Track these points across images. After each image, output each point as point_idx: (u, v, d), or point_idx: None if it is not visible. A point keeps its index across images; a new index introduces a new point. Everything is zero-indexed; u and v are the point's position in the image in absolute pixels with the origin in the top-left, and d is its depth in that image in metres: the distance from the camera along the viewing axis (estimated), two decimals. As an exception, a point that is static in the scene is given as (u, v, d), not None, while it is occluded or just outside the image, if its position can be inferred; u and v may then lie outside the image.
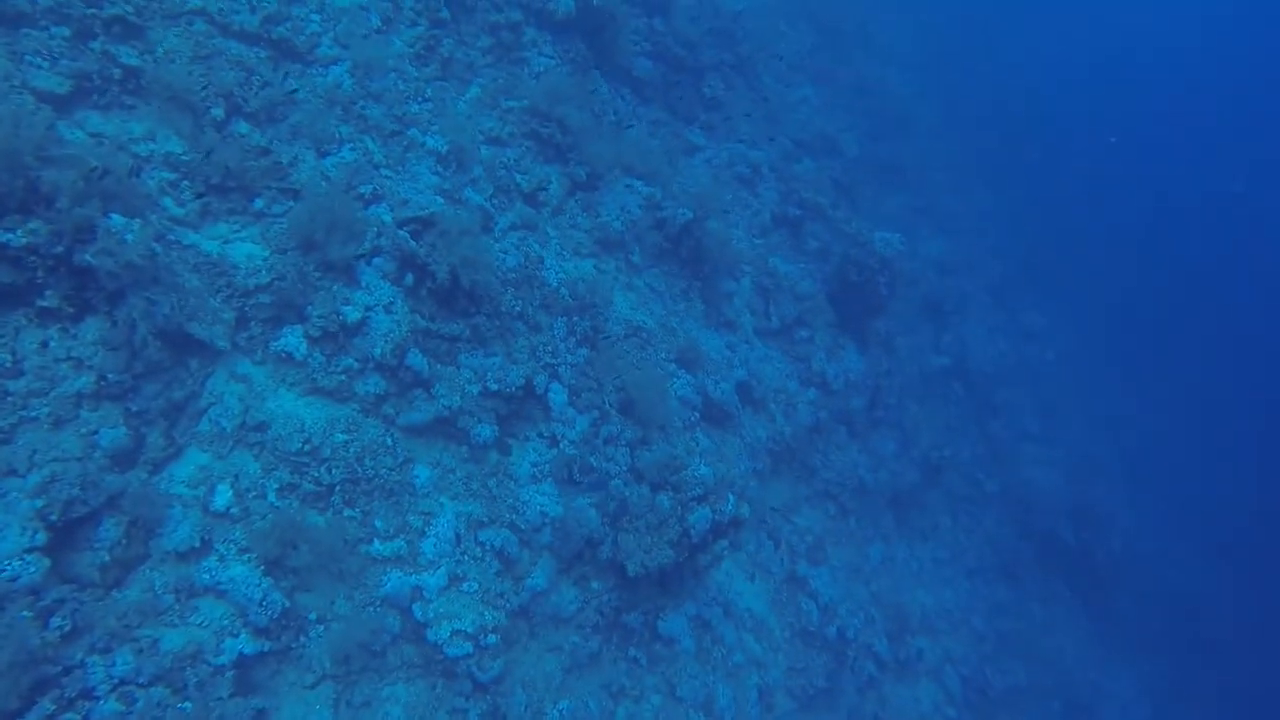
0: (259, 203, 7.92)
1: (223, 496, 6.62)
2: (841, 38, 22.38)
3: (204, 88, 7.87)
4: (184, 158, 7.70)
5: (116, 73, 7.70)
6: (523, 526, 8.43)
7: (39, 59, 7.38)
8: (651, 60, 15.01)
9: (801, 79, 19.31)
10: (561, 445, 9.23)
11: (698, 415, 11.29)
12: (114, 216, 6.18)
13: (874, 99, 22.06)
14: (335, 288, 7.87)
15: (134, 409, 6.53)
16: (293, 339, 7.46)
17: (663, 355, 11.12)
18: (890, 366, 15.93)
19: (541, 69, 12.08)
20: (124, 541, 6.07)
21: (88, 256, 5.93)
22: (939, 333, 19.07)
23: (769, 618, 11.55)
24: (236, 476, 6.87)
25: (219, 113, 7.95)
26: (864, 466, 14.70)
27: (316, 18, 9.12)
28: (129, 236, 6.19)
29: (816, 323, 14.44)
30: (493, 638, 7.41)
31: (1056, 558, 18.44)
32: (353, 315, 7.76)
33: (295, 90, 8.43)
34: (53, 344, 6.26)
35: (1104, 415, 23.45)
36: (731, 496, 9.51)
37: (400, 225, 8.39)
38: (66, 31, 7.60)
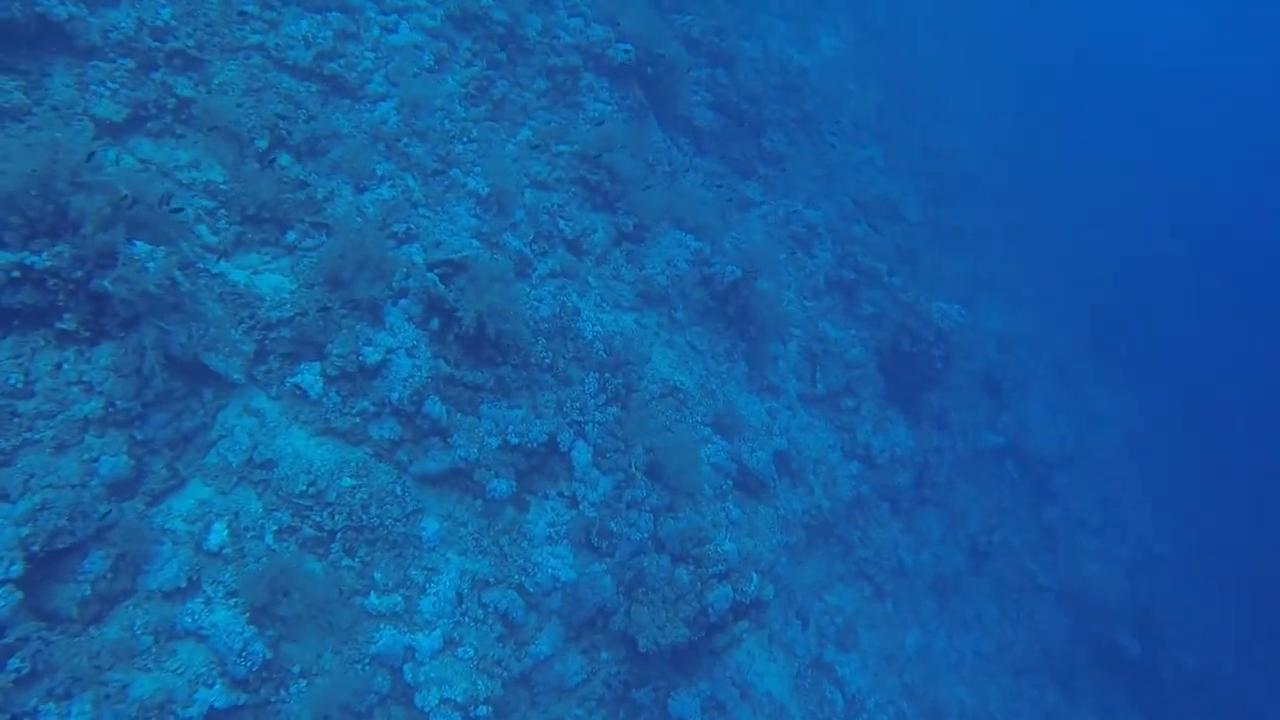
0: (291, 235, 7.83)
1: (217, 535, 6.36)
2: (911, 98, 21.96)
3: (250, 119, 7.86)
4: (223, 187, 7.67)
5: (171, 102, 7.76)
6: (531, 590, 7.99)
7: (102, 88, 7.49)
8: (712, 111, 14.82)
9: (867, 138, 18.91)
10: (582, 507, 8.80)
11: (731, 483, 10.75)
12: (138, 244, 6.09)
13: (940, 161, 21.49)
14: (359, 327, 7.68)
15: (140, 437, 6.36)
16: (308, 377, 7.26)
17: (699, 418, 10.66)
18: (941, 443, 15.12)
19: (597, 115, 11.95)
20: (109, 575, 5.84)
21: (105, 283, 5.82)
22: (996, 410, 18.13)
23: (789, 704, 10.79)
24: (236, 515, 6.62)
25: (262, 144, 7.93)
26: (905, 547, 13.87)
27: (370, 55, 9.13)
28: (150, 265, 6.08)
29: (865, 392, 13.81)
30: (484, 709, 6.94)
31: (1116, 666, 17.03)
32: (373, 357, 7.53)
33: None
34: (66, 367, 6.16)
35: (1176, 511, 21.87)
36: (755, 576, 8.93)
37: (431, 267, 8.20)
38: (131, 64, 7.70)
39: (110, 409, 6.11)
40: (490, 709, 6.99)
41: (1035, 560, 17.33)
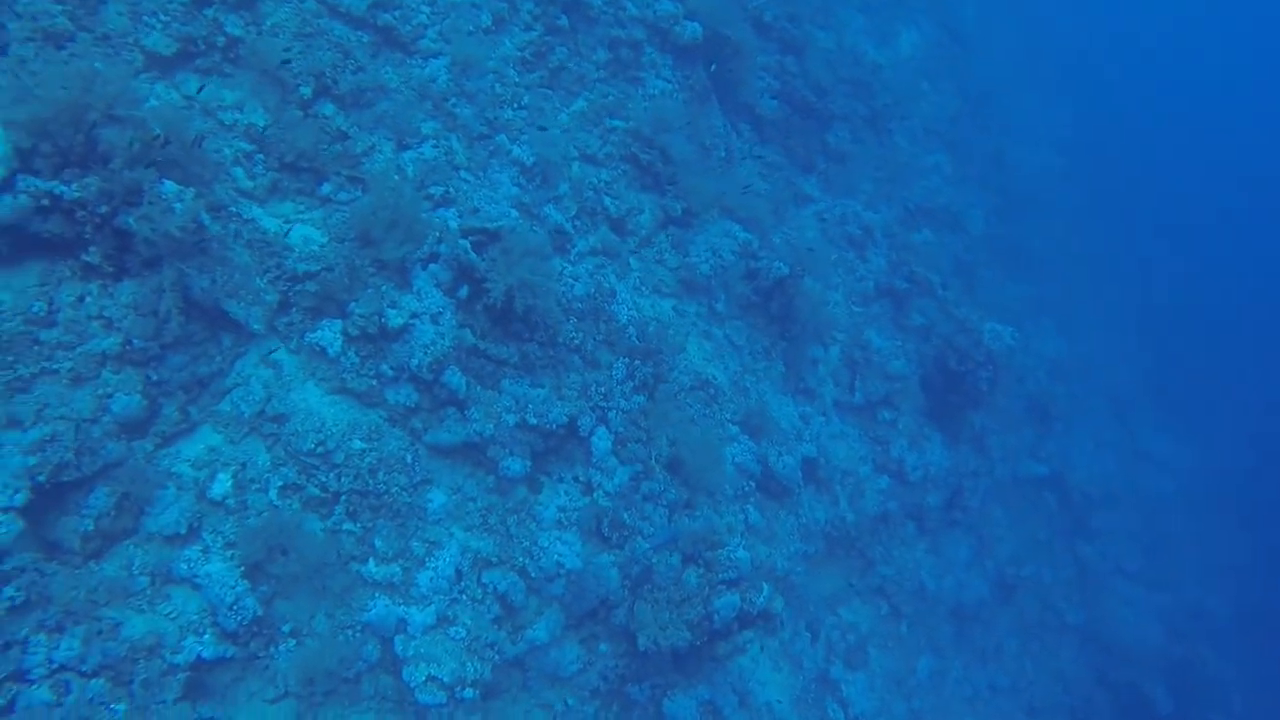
0: (327, 187, 7.69)
1: (222, 485, 6.28)
2: (987, 106, 21.08)
3: (298, 64, 7.71)
4: (264, 132, 7.54)
5: (220, 40, 7.64)
6: (534, 574, 7.79)
7: (155, 20, 7.39)
8: (777, 100, 14.32)
9: (936, 144, 18.20)
10: (596, 495, 8.57)
11: (754, 485, 10.43)
12: (167, 183, 5.97)
13: (1011, 176, 20.63)
14: (385, 288, 7.51)
15: (155, 378, 6.29)
16: (329, 334, 7.12)
17: (728, 415, 10.33)
18: (978, 467, 14.55)
19: (656, 92, 11.59)
20: (113, 513, 5.80)
21: (130, 220, 5.71)
22: (1041, 438, 17.43)
23: (790, 717, 10.49)
24: (243, 466, 6.53)
25: (307, 91, 7.77)
26: (928, 569, 13.40)
27: (426, 9, 8.91)
28: (178, 206, 5.95)
29: (903, 406, 13.31)
30: (470, 692, 6.78)
31: (1142, 718, 16.30)
32: (395, 320, 7.35)
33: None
34: (89, 300, 6.09)
35: (1228, 568, 20.79)
36: (766, 588, 8.62)
37: (465, 234, 7.98)
38: (185, -4, 7.59)
39: (128, 346, 6.04)
40: (477, 691, 6.83)
41: (1065, 598, 16.66)
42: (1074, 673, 16.12)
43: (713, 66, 11.90)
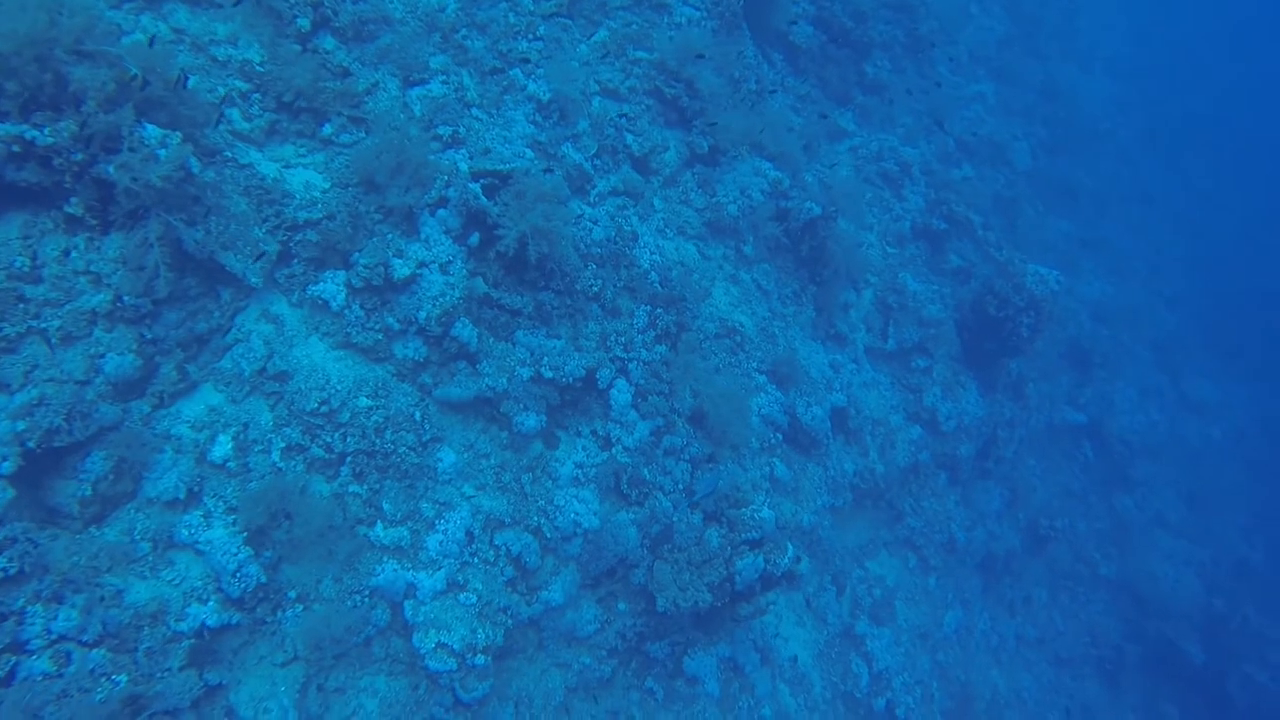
0: (328, 128, 7.20)
1: (222, 447, 6.02)
2: (1039, 29, 19.67)
3: (294, -7, 7.13)
4: (260, 69, 7.03)
5: (210, -36, 7.07)
6: (549, 534, 7.54)
7: (134, -59, 6.83)
8: (813, 26, 13.40)
9: (982, 72, 17.06)
10: (615, 450, 8.25)
11: (780, 438, 10.04)
12: (149, 127, 5.53)
13: (1062, 106, 19.37)
14: (390, 236, 7.09)
15: (150, 336, 5.98)
16: (331, 286, 6.74)
17: (755, 364, 9.88)
18: (1014, 415, 14.01)
19: (684, 19, 10.81)
20: (111, 477, 5.57)
21: (109, 169, 5.30)
22: (1080, 385, 16.76)
23: (812, 673, 10.34)
24: (245, 426, 6.26)
25: (305, 23, 7.21)
26: (959, 521, 13.04)
27: (432, -71, 8.21)
28: (162, 152, 5.53)
29: (938, 353, 12.74)
30: (481, 659, 6.60)
31: (1171, 671, 16.01)
32: (402, 270, 6.95)
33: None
34: (75, 255, 5.76)
35: (1273, 516, 20.12)
36: (790, 548, 8.31)
37: (476, 177, 7.48)
38: (168, -87, 6.99)
39: (119, 304, 5.72)
40: (488, 658, 6.65)
41: (1099, 549, 16.27)
42: (1104, 625, 15.84)
43: None
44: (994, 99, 17.01)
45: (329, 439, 6.55)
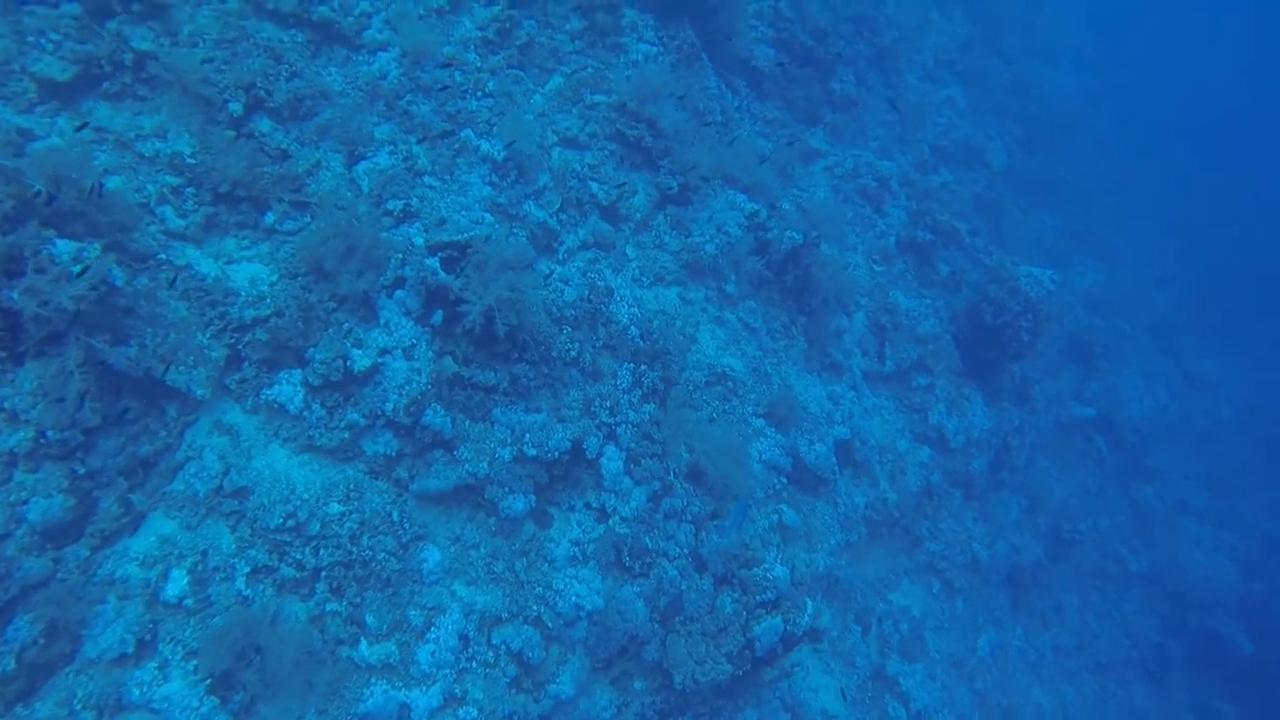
0: (270, 217, 6.73)
1: (177, 584, 5.47)
2: (1001, 29, 19.48)
3: (223, 77, 6.70)
4: (191, 160, 6.57)
5: (128, 57, 6.64)
6: (551, 623, 6.98)
7: (44, 40, 6.41)
8: (773, 48, 13.07)
9: (949, 76, 16.78)
10: (612, 521, 7.71)
11: (785, 481, 9.51)
12: (60, 243, 5.05)
13: (1032, 102, 19.12)
14: (347, 325, 6.60)
15: (84, 470, 5.45)
16: (287, 388, 6.24)
17: (750, 408, 9.38)
18: (1022, 421, 13.53)
19: (640, 56, 10.43)
20: (41, 642, 4.99)
21: (13, 295, 4.80)
22: (1084, 379, 16.32)
23: (848, 725, 9.73)
24: (204, 554, 5.72)
25: (237, 108, 6.77)
26: (979, 538, 12.50)
27: (366, -4, 7.81)
28: (76, 268, 5.04)
29: (938, 368, 12.27)
30: (489, 778, 6.02)
31: (1220, 664, 15.39)
32: (362, 362, 6.46)
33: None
34: (-10, 389, 5.24)
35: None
36: (810, 604, 7.77)
37: (433, 250, 7.02)
38: (77, 9, 6.58)
39: (41, 440, 5.19)
40: (497, 776, 6.07)
41: (1125, 544, 15.74)
42: (1141, 623, 15.26)
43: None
44: (964, 102, 16.73)
45: (299, 555, 6.01)
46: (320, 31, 7.58)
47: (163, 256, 6.16)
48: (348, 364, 6.41)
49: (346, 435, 6.44)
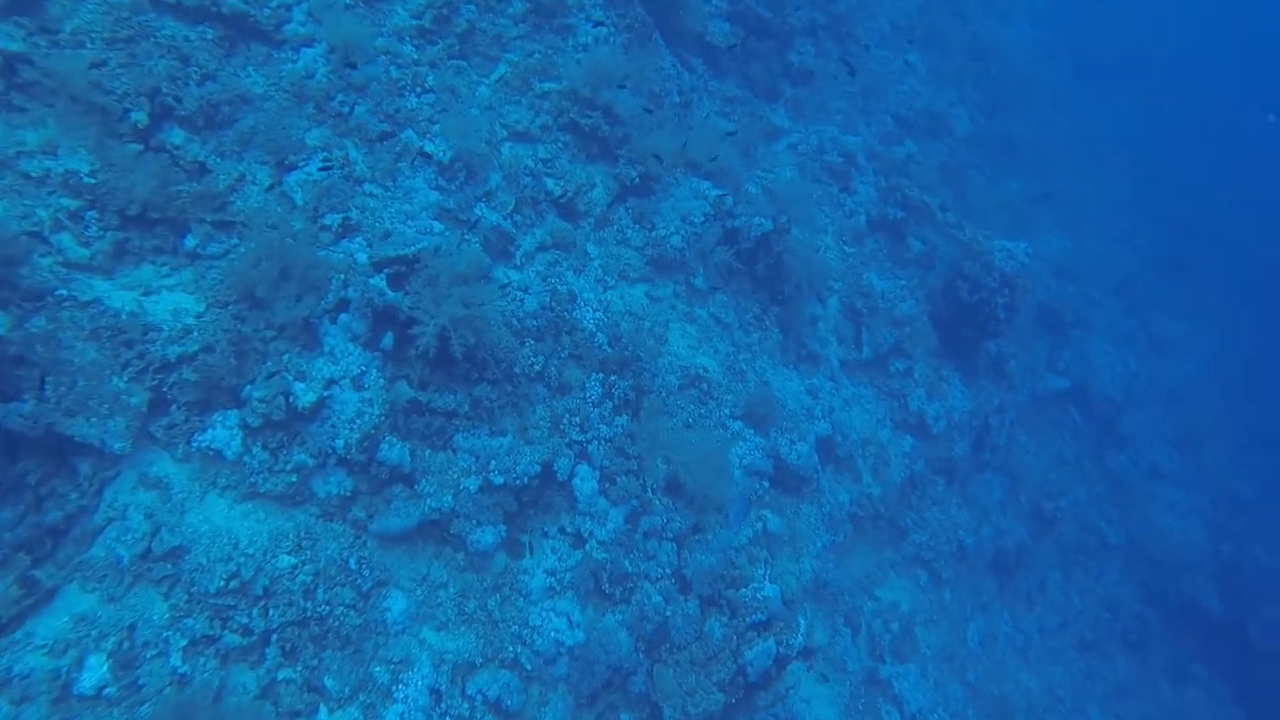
0: (190, 240, 6.00)
1: (94, 672, 4.82)
2: (956, -12, 19.05)
3: (120, 83, 5.92)
4: (91, 180, 5.80)
5: None
6: (529, 664, 6.47)
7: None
8: (728, 22, 12.43)
9: (906, 42, 16.29)
10: (589, 546, 7.19)
11: (767, 485, 9.07)
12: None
13: (991, 62, 18.75)
14: (288, 357, 5.93)
15: (-19, 547, 4.75)
16: (221, 432, 5.57)
17: (726, 411, 8.90)
18: (1002, 400, 13.28)
19: (590, 39, 9.75)
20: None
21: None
22: (1057, 349, 16.15)
23: (843, 731, 9.41)
24: (130, 629, 5.07)
25: (141, 117, 6.00)
26: (964, 525, 12.25)
27: (284, -16, 7.02)
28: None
29: (916, 351, 11.91)
30: None
31: (1194, 627, 15.51)
32: (307, 397, 5.82)
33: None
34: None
35: (1263, 446, 19.80)
36: (803, 622, 7.38)
37: (378, 267, 6.36)
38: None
39: (-74, 520, 4.49)
40: (480, 845, 5.57)
41: (1103, 516, 15.68)
42: (1121, 595, 15.25)
43: None
44: (924, 68, 16.29)
45: (245, 619, 5.39)
46: (233, 27, 6.78)
47: (63, 292, 5.42)
48: (290, 400, 5.76)
49: (294, 478, 5.81)
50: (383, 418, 6.12)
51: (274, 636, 5.46)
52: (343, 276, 6.15)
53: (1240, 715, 14.93)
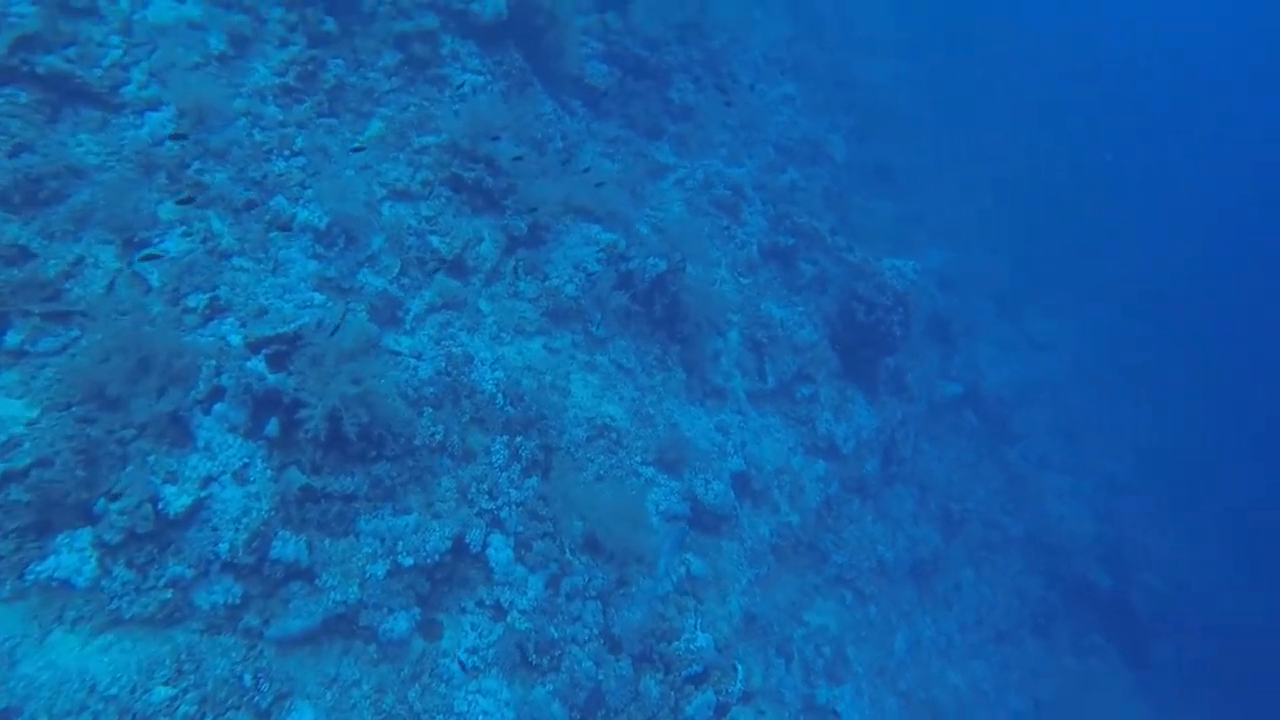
0: (13, 337, 5.34)
1: None
2: (819, 24, 19.90)
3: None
4: (-99, 279, 5.10)
5: None
6: (456, 758, 6.00)
7: None
8: (606, 64, 12.46)
9: (780, 74, 16.83)
10: (510, 616, 6.82)
11: (686, 526, 8.89)
12: None
13: (858, 91, 19.64)
14: (153, 458, 5.34)
15: None
16: (68, 557, 4.92)
17: (638, 458, 8.70)
18: (905, 413, 13.66)
19: (468, 88, 9.51)
20: None
21: None
22: (947, 357, 16.82)
23: (788, 768, 9.26)
24: (-17, 797, 4.36)
25: (-44, 204, 5.34)
26: (881, 540, 12.46)
27: (118, 40, 6.46)
28: None
29: (819, 375, 12.09)
30: None
31: (1089, 605, 16.46)
32: (180, 501, 5.25)
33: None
34: None
35: (1128, 432, 21.30)
36: (740, 668, 7.19)
37: (254, 348, 5.86)
38: None
39: None
40: None
41: (1004, 510, 16.35)
42: (1027, 583, 15.93)
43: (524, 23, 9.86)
44: (799, 98, 16.83)
45: (119, 767, 4.74)
46: (53, 89, 6.17)
47: (-127, 412, 4.70)
48: (160, 507, 5.18)
49: (169, 594, 5.21)
50: (273, 511, 5.60)
51: (158, 783, 4.83)
52: (214, 362, 5.62)
53: (1133, 676, 16.04)
